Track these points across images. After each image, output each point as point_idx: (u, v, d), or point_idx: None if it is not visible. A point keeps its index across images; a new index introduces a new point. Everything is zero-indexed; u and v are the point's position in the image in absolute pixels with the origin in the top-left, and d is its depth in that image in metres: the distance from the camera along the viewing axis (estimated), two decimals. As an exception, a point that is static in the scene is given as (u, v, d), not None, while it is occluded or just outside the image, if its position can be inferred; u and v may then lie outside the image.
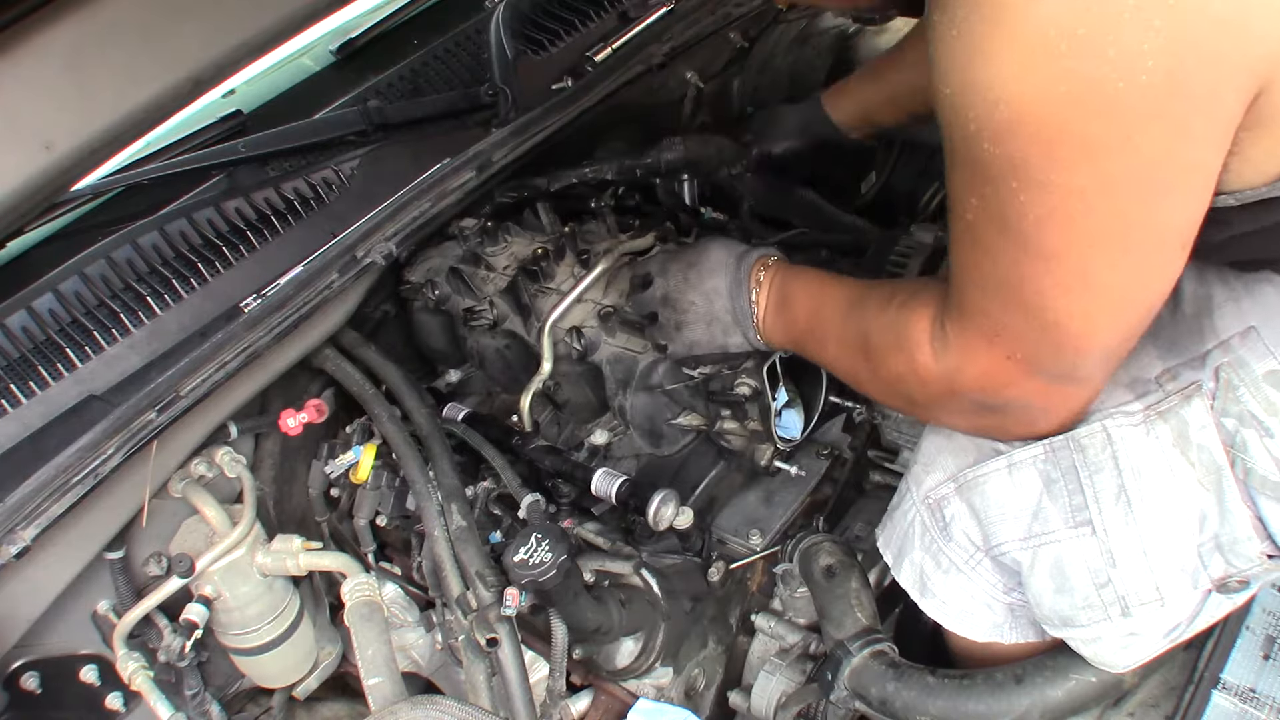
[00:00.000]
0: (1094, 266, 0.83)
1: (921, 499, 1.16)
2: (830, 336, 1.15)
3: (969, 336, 0.95)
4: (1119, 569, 1.02)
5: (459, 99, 1.55)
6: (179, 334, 1.26)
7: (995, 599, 1.16)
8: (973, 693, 1.15)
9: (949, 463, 1.14)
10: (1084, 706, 1.14)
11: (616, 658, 1.28)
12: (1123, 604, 1.03)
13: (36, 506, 1.08)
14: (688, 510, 1.27)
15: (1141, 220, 0.81)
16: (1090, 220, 0.80)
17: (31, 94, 0.96)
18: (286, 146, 1.47)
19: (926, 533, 1.16)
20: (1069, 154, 0.77)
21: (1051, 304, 0.86)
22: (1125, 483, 1.00)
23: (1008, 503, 1.08)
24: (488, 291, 1.52)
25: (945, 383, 1.00)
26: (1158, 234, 0.83)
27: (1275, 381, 0.95)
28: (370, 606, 1.27)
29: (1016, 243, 0.84)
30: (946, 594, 1.17)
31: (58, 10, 0.94)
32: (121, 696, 1.28)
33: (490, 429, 1.44)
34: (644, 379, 1.38)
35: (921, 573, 1.18)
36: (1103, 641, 1.07)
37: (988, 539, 1.11)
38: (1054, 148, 0.77)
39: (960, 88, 0.79)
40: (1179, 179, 0.80)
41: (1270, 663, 1.16)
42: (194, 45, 1.03)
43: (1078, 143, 0.76)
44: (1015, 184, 0.80)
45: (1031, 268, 0.84)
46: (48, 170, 0.97)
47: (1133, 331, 0.91)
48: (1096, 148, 0.76)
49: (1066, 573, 1.05)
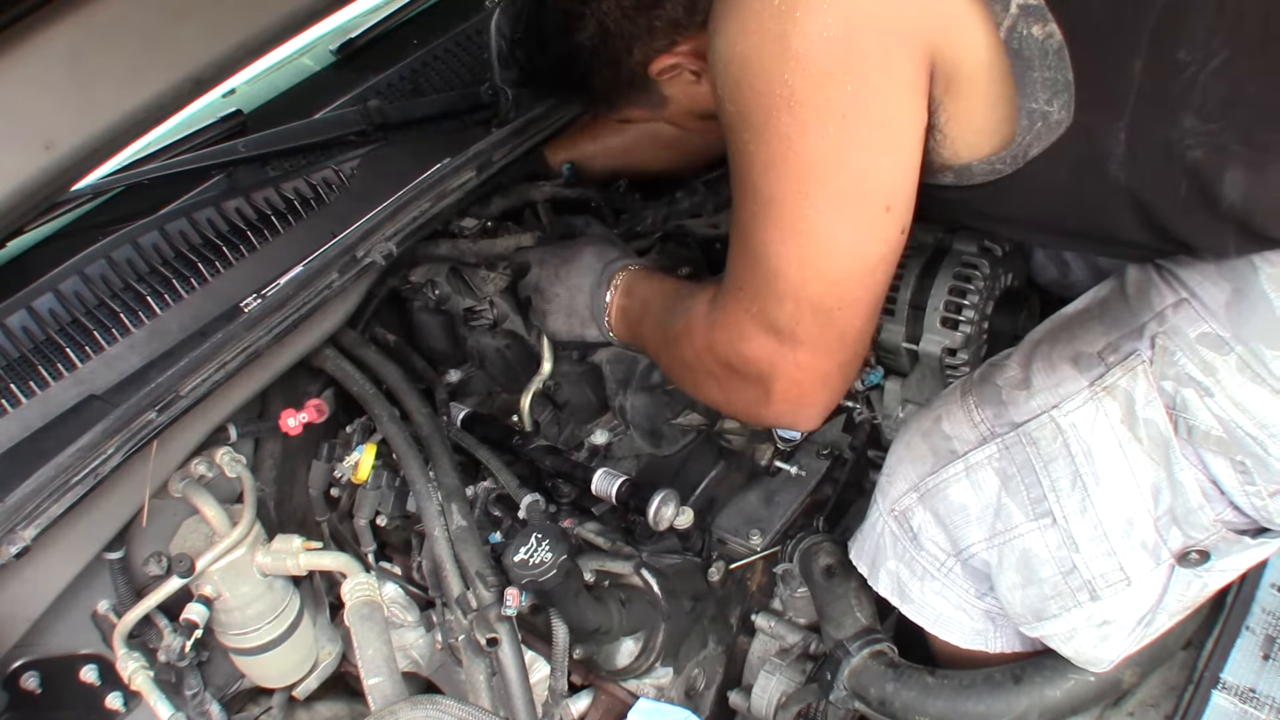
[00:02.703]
0: (803, 210, 0.94)
1: (888, 510, 1.19)
2: (649, 328, 1.25)
3: (726, 299, 1.07)
4: (1082, 553, 1.04)
5: (459, 99, 1.55)
6: (179, 334, 1.26)
7: (971, 604, 1.18)
8: (972, 693, 1.15)
9: (910, 472, 1.17)
10: (1083, 706, 1.15)
11: (616, 658, 1.28)
12: (1090, 589, 1.05)
13: (36, 506, 1.08)
14: (688, 510, 1.27)
15: (840, 167, 0.92)
16: (797, 164, 0.92)
17: (31, 94, 0.96)
18: (286, 146, 1.47)
19: (898, 543, 1.19)
20: (775, 102, 0.90)
21: (773, 250, 0.97)
22: (1079, 468, 1.03)
23: (970, 505, 1.11)
24: (488, 291, 1.52)
25: (705, 341, 1.10)
26: (857, 185, 0.94)
27: (1208, 343, 0.98)
28: (370, 606, 1.27)
29: (751, 194, 0.97)
30: (924, 599, 1.20)
31: (58, 10, 0.94)
32: (121, 696, 1.28)
33: (490, 429, 1.44)
34: (644, 379, 1.38)
35: (898, 580, 1.21)
36: (1079, 635, 1.09)
37: (955, 543, 1.14)
38: (764, 97, 0.90)
39: (711, 62, 0.96)
40: (871, 134, 0.92)
41: (1270, 663, 1.16)
42: (194, 45, 1.02)
43: (781, 92, 0.89)
44: (746, 136, 0.94)
45: (759, 216, 0.97)
46: (48, 170, 0.97)
47: (847, 294, 0.98)
48: (795, 97, 0.89)
49: (1033, 565, 1.07)
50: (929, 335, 1.38)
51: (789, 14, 0.88)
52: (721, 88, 0.95)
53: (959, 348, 1.38)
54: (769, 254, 0.98)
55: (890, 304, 1.41)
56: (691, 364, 1.15)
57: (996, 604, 1.16)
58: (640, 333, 1.28)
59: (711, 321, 1.09)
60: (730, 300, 1.06)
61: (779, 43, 0.88)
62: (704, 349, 1.11)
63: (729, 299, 1.06)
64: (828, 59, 0.88)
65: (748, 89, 0.92)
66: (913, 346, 1.41)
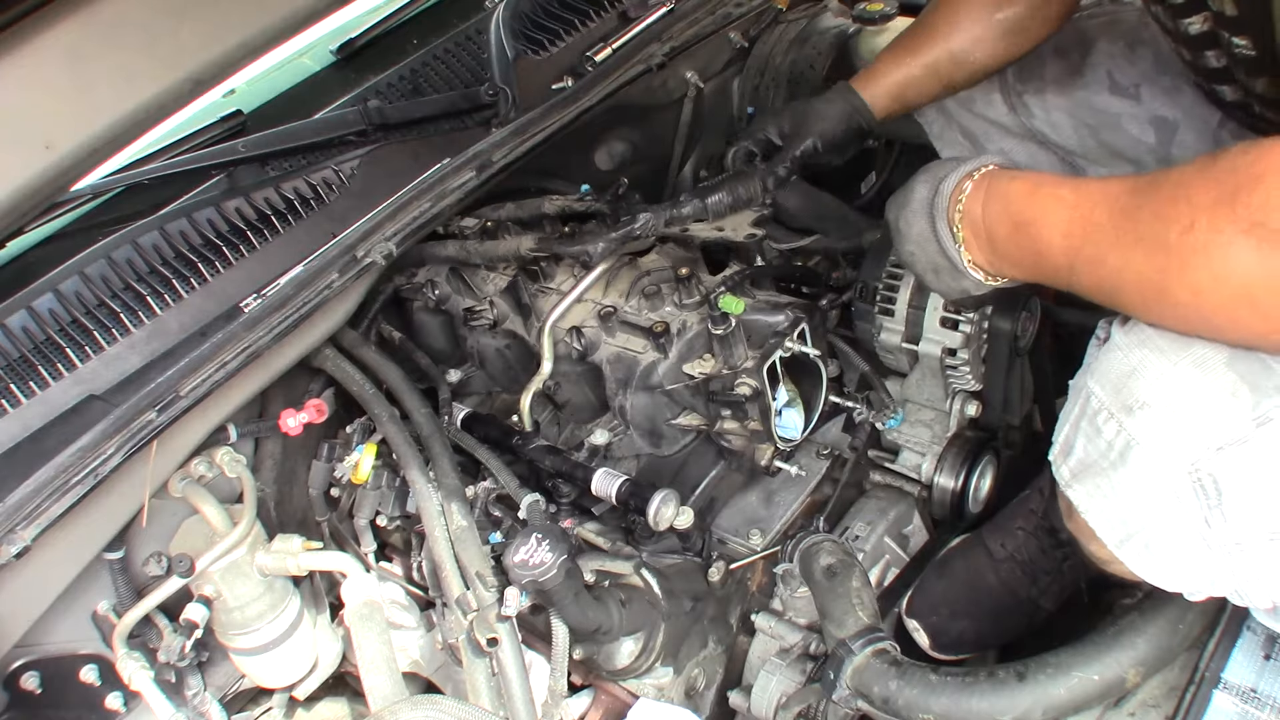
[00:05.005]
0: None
1: (1183, 469, 0.86)
2: (1108, 246, 0.87)
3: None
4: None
5: (459, 99, 1.55)
6: (179, 334, 1.26)
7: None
8: (975, 690, 1.15)
9: (1211, 427, 0.86)
10: (1086, 705, 1.14)
11: (616, 658, 1.28)
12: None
13: (36, 506, 1.08)
14: (688, 510, 1.27)
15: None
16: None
17: (31, 94, 0.96)
18: (286, 146, 1.47)
19: (1189, 510, 0.88)
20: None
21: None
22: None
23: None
24: (488, 291, 1.52)
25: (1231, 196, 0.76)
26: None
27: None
28: (370, 606, 1.28)
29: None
30: (1218, 573, 0.92)
31: (58, 10, 0.94)
32: (121, 696, 1.28)
33: (490, 429, 1.44)
34: (644, 379, 1.38)
35: (1183, 557, 0.92)
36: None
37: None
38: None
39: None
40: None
41: (1271, 663, 1.16)
42: (194, 45, 1.03)
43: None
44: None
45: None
46: (48, 170, 0.97)
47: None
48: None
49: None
50: (929, 335, 1.38)
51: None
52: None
53: (959, 348, 1.38)
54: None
55: (890, 304, 1.41)
56: (1203, 245, 0.79)
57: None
58: (1076, 264, 0.91)
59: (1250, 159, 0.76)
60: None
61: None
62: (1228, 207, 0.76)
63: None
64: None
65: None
66: (912, 347, 1.41)
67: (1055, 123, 1.47)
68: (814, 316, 1.36)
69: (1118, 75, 1.40)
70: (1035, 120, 1.49)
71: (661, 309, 1.41)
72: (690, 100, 1.79)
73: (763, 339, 1.33)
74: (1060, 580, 1.43)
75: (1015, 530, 1.43)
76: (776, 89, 1.83)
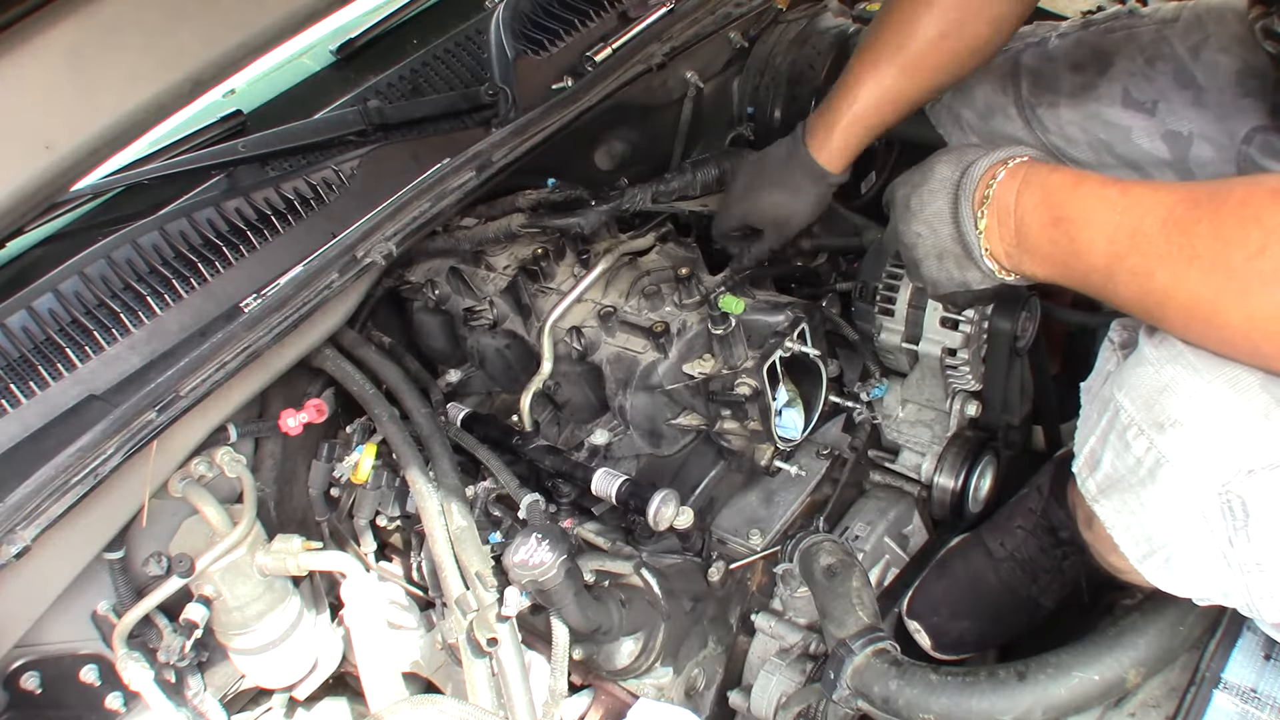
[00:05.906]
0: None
1: (1212, 490, 0.85)
2: (1156, 260, 0.83)
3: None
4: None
5: (459, 99, 1.55)
6: (179, 334, 1.26)
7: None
8: (976, 690, 1.15)
9: (1243, 449, 0.84)
10: (1087, 705, 1.14)
11: (616, 658, 1.28)
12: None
13: (36, 506, 1.08)
14: (688, 510, 1.27)
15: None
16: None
17: (31, 94, 0.96)
18: (286, 146, 1.47)
19: (1214, 529, 0.87)
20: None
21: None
22: None
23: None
24: (488, 291, 1.52)
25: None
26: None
27: None
28: (370, 607, 1.28)
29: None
30: (1233, 588, 0.91)
31: (58, 10, 0.94)
32: (121, 696, 1.28)
33: (490, 429, 1.44)
34: (644, 379, 1.38)
35: (1202, 573, 0.91)
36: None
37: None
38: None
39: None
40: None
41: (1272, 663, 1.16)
42: (194, 45, 1.03)
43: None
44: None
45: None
46: (48, 170, 0.97)
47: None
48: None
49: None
50: (929, 335, 1.38)
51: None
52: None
53: (959, 348, 1.38)
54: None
55: (890, 304, 1.41)
56: (1272, 273, 0.75)
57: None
58: (1114, 270, 0.86)
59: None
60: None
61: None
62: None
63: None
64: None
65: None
66: (912, 347, 1.41)
67: (1070, 136, 1.47)
68: (814, 316, 1.36)
69: (1134, 91, 1.39)
70: (1050, 135, 1.49)
71: (661, 309, 1.41)
72: (690, 100, 1.78)
73: (763, 339, 1.33)
74: (1060, 578, 1.43)
75: (1014, 529, 1.43)
76: (776, 89, 1.82)
